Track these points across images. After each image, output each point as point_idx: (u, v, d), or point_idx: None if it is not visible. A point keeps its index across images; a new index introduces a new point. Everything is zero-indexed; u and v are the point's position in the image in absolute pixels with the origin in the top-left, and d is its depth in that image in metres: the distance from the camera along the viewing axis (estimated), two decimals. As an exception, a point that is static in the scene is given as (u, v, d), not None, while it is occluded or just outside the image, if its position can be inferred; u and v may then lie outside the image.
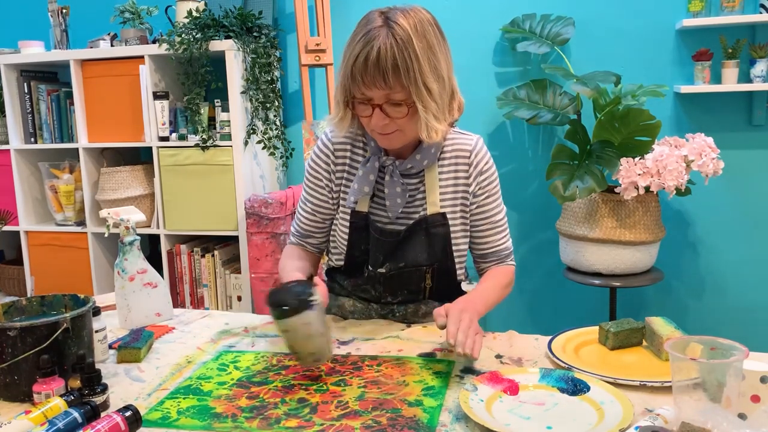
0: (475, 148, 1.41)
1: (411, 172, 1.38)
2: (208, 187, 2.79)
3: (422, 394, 1.10)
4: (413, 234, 1.39)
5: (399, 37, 1.21)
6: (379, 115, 1.26)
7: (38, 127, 3.07)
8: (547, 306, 2.95)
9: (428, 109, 1.25)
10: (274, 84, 2.88)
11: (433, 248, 1.39)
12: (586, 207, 2.47)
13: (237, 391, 1.15)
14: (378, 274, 1.42)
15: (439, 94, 1.26)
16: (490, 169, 1.43)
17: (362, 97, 1.26)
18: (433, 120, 1.26)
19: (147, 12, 2.91)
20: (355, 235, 1.41)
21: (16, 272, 3.17)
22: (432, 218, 1.38)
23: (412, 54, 1.21)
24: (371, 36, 1.21)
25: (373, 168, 1.37)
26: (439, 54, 1.26)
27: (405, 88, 1.23)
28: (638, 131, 2.39)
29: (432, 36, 1.25)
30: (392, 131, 1.29)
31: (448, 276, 1.44)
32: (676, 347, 0.94)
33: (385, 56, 1.20)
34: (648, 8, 2.67)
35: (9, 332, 1.08)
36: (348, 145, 1.43)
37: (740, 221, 2.72)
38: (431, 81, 1.24)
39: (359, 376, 1.19)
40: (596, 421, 0.98)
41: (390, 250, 1.39)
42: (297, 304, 1.13)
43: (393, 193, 1.37)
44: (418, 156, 1.36)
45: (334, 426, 1.00)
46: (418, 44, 1.22)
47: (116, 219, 1.49)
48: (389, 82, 1.21)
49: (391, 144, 1.33)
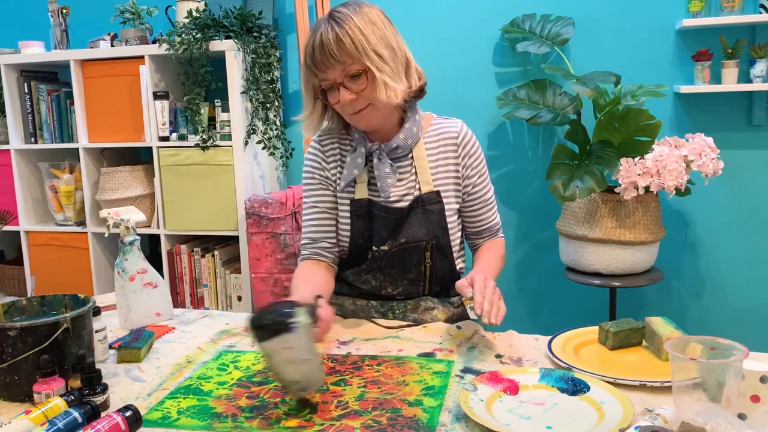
0: (461, 132, 1.50)
1: (399, 154, 1.46)
2: (208, 187, 2.79)
3: (422, 394, 1.10)
4: (412, 211, 1.46)
5: (338, 19, 1.33)
6: (344, 92, 1.35)
7: (38, 127, 3.07)
8: (547, 306, 2.95)
9: (383, 71, 1.33)
10: (274, 84, 2.88)
11: (431, 224, 1.46)
12: (585, 207, 2.47)
13: (237, 390, 1.15)
14: (381, 253, 1.46)
15: (392, 59, 1.35)
16: (478, 150, 1.52)
17: (325, 83, 1.36)
18: (389, 80, 1.34)
19: (147, 12, 2.91)
20: (357, 222, 1.47)
21: (16, 272, 3.17)
22: (427, 196, 1.46)
23: (353, 27, 1.32)
24: (316, 29, 1.35)
25: (360, 153, 1.45)
26: (384, 28, 1.36)
27: (356, 59, 1.32)
28: (638, 131, 2.39)
29: (374, 15, 1.36)
30: (363, 107, 1.37)
31: (446, 256, 1.50)
32: (676, 347, 0.94)
33: (327, 37, 1.31)
34: (648, 8, 2.67)
35: (9, 332, 1.08)
36: (335, 140, 1.51)
37: (740, 221, 2.72)
38: (380, 47, 1.33)
39: (359, 376, 1.19)
40: (596, 421, 0.98)
41: (393, 227, 1.45)
42: (274, 325, 1.02)
43: (383, 174, 1.44)
44: (402, 136, 1.45)
45: (334, 426, 1.00)
46: (359, 20, 1.33)
47: (116, 219, 1.49)
48: (337, 57, 1.31)
49: (368, 123, 1.40)
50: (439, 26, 2.87)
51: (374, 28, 1.33)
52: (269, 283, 2.64)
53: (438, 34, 2.87)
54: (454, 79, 2.85)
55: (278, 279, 2.63)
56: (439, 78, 2.83)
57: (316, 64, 1.34)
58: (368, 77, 1.34)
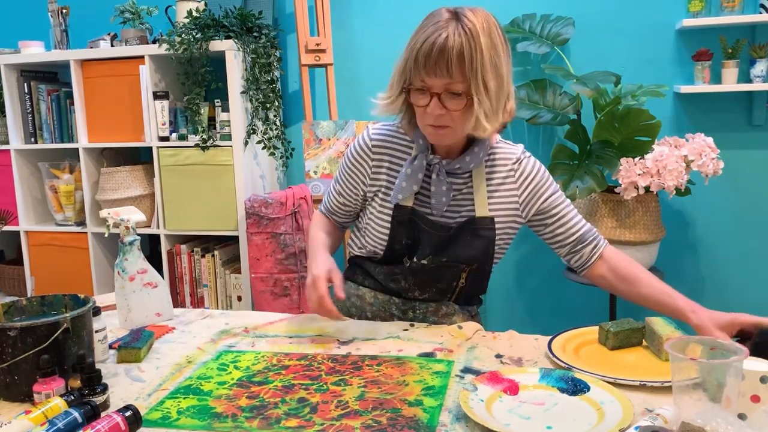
0: (520, 157, 1.44)
1: (457, 172, 1.41)
2: (208, 187, 2.79)
3: (422, 393, 1.10)
4: (462, 232, 1.41)
5: (467, 29, 1.23)
6: (436, 105, 1.27)
7: (38, 127, 3.07)
8: (547, 306, 2.95)
9: (482, 104, 1.26)
10: (274, 84, 2.88)
11: (477, 249, 1.41)
12: (586, 207, 2.47)
13: (237, 390, 1.15)
14: (420, 266, 1.43)
15: (496, 93, 1.27)
16: (540, 171, 1.45)
17: (421, 84, 1.27)
18: (483, 117, 1.27)
19: (147, 12, 2.91)
20: (398, 228, 1.43)
21: (16, 272, 3.17)
22: (480, 220, 1.41)
23: (477, 47, 1.23)
24: (440, 26, 1.24)
25: (421, 166, 1.39)
26: (502, 55, 1.28)
27: (466, 80, 1.24)
28: (638, 131, 2.39)
29: (497, 36, 1.27)
30: (445, 125, 1.30)
31: (481, 282, 1.47)
32: (676, 347, 0.94)
33: (453, 44, 1.22)
34: (648, 8, 2.67)
35: (9, 332, 1.08)
36: (387, 143, 1.45)
37: (740, 221, 2.72)
38: (491, 78, 1.25)
39: (359, 375, 1.19)
40: (596, 421, 0.98)
41: (438, 244, 1.42)
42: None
43: (439, 192, 1.39)
44: (468, 158, 1.39)
45: (334, 426, 1.00)
46: (484, 40, 1.24)
47: (116, 219, 1.49)
48: (451, 71, 1.23)
49: (440, 140, 1.35)
50: (439, 26, 2.87)
51: (493, 52, 1.25)
52: (269, 283, 2.64)
53: (438, 34, 2.86)
54: (454, 79, 2.85)
55: (278, 279, 2.63)
56: (439, 78, 2.82)
57: (428, 65, 1.24)
58: (467, 102, 1.26)
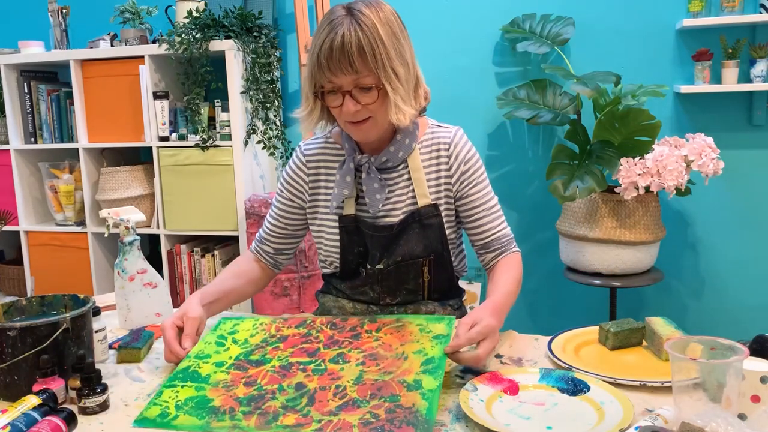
0: (453, 140, 1.41)
1: (387, 165, 1.39)
2: (208, 187, 2.79)
3: (421, 371, 1.11)
4: (407, 227, 1.39)
5: (363, 23, 1.24)
6: (349, 102, 1.27)
7: (38, 127, 3.07)
8: (547, 306, 2.95)
9: (396, 91, 1.27)
10: (274, 84, 2.88)
11: (429, 240, 1.40)
12: (586, 207, 2.47)
13: (235, 374, 1.15)
14: (376, 271, 1.42)
15: (406, 78, 1.29)
16: (473, 158, 1.41)
17: (331, 85, 1.27)
18: (401, 102, 1.28)
19: (147, 12, 2.91)
20: (346, 238, 1.42)
21: (16, 272, 3.17)
22: (425, 210, 1.39)
23: (377, 38, 1.24)
24: (335, 24, 1.24)
25: (349, 169, 1.39)
26: (403, 41, 1.29)
27: (373, 72, 1.25)
28: (638, 131, 2.39)
29: (395, 25, 1.28)
30: (364, 119, 1.30)
31: (446, 270, 1.45)
32: (676, 347, 0.94)
33: (350, 41, 1.22)
34: (648, 8, 2.67)
35: (9, 332, 1.08)
36: (320, 155, 1.46)
37: (740, 221, 2.72)
38: (398, 65, 1.27)
39: (358, 348, 1.20)
40: (596, 421, 0.98)
41: (386, 245, 1.40)
42: None
43: (371, 190, 1.38)
44: (392, 148, 1.38)
45: (332, 423, 1.00)
46: (382, 30, 1.25)
47: (116, 219, 1.49)
48: (355, 66, 1.24)
49: (365, 135, 1.34)
50: (439, 26, 2.87)
51: (394, 40, 1.26)
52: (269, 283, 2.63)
53: (438, 34, 2.87)
54: (454, 79, 2.85)
55: (278, 279, 2.63)
56: (439, 78, 2.83)
57: (331, 65, 1.23)
58: (380, 93, 1.26)
